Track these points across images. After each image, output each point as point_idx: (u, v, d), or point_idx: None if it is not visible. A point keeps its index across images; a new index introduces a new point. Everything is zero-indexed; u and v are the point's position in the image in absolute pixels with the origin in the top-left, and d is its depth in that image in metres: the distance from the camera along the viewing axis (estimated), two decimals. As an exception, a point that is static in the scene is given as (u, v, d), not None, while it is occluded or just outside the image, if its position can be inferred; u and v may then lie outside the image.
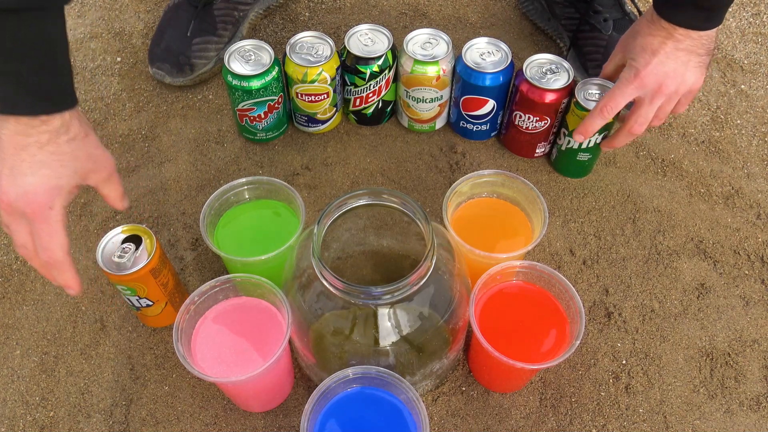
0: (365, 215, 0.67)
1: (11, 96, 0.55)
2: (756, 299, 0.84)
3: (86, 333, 0.81)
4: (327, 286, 0.59)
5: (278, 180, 0.76)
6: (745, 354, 0.79)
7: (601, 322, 0.82)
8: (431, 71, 0.88)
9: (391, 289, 0.58)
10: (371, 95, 0.93)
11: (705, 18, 0.72)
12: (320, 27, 1.12)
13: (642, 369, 0.78)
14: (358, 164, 0.96)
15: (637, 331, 0.81)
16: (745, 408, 0.76)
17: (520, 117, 0.89)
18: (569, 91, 0.85)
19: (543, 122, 0.89)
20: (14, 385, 0.77)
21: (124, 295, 0.73)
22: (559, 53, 1.06)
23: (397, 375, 0.61)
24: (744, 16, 1.15)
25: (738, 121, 1.01)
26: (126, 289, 0.71)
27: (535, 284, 0.71)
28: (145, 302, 0.74)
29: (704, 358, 0.79)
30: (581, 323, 0.65)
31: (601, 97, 0.81)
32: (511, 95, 0.90)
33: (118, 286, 0.71)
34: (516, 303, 0.71)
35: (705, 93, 1.04)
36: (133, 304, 0.74)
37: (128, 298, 0.73)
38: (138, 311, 0.76)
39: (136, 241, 0.70)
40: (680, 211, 0.91)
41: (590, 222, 0.90)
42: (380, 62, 0.88)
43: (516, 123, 0.91)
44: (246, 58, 0.87)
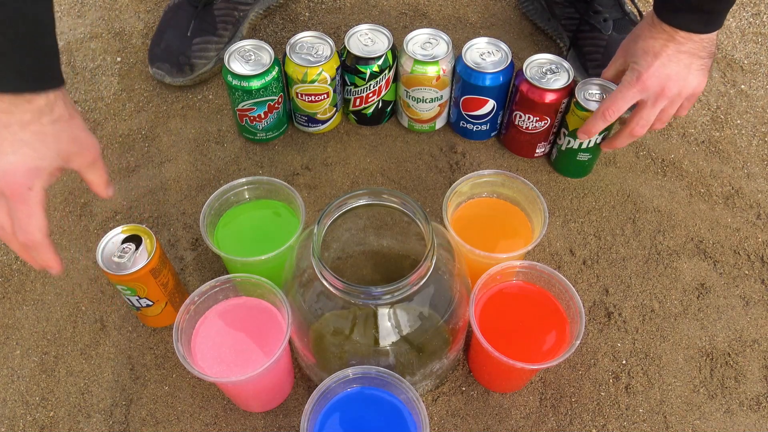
0: (365, 215, 0.67)
1: None
2: (756, 299, 0.84)
3: (86, 333, 0.81)
4: (327, 286, 0.59)
5: (278, 180, 0.76)
6: (745, 354, 0.79)
7: (601, 322, 0.82)
8: (431, 71, 0.88)
9: (391, 289, 0.58)
10: (371, 95, 0.93)
11: (705, 21, 0.72)
12: (320, 27, 1.12)
13: (642, 369, 0.78)
14: (358, 164, 0.96)
15: (637, 331, 0.81)
16: (745, 408, 0.76)
17: (520, 117, 0.89)
18: (569, 91, 0.85)
19: (543, 122, 0.89)
20: (14, 385, 0.77)
21: (124, 295, 0.73)
22: (559, 53, 1.06)
23: (397, 375, 0.61)
24: (744, 16, 1.15)
25: (738, 121, 1.01)
26: (126, 289, 0.71)
27: (535, 284, 0.71)
28: (145, 302, 0.74)
29: (704, 358, 0.79)
30: (581, 323, 0.65)
31: (604, 100, 0.81)
32: (511, 95, 0.90)
33: (118, 286, 0.71)
34: (516, 303, 0.71)
35: (705, 93, 1.04)
36: (133, 304, 0.74)
37: (128, 298, 0.73)
38: (138, 311, 0.76)
39: (136, 241, 0.70)
40: (680, 211, 0.91)
41: (590, 222, 0.90)
42: (380, 62, 0.88)
43: (516, 123, 0.91)
44: (246, 58, 0.87)
